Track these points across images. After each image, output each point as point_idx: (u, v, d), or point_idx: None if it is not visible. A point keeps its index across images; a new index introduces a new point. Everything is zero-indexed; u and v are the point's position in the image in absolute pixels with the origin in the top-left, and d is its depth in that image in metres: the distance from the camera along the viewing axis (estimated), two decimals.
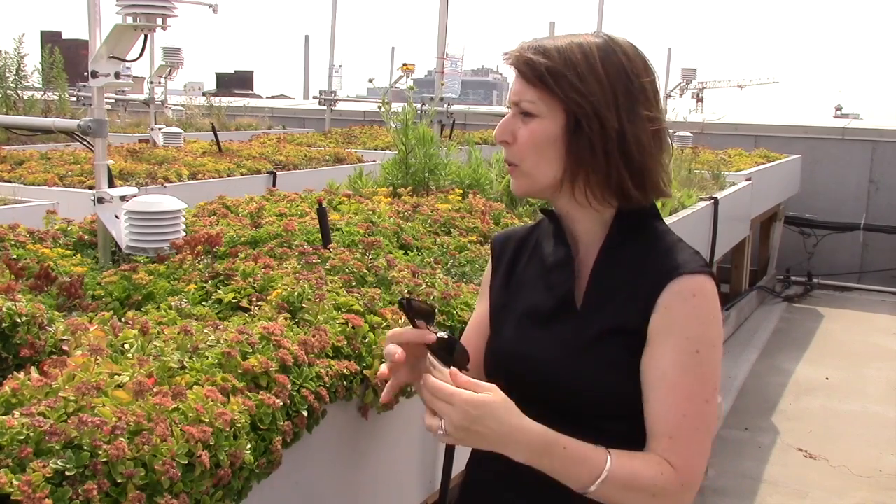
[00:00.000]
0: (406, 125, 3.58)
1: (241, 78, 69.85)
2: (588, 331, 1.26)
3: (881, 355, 6.40)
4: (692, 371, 1.19)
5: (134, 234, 2.25)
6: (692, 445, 1.19)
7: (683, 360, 1.19)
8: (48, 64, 8.37)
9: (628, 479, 1.17)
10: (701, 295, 1.21)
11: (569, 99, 1.23)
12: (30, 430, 1.09)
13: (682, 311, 1.20)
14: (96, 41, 2.23)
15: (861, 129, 9.33)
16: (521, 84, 1.26)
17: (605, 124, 1.23)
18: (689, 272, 1.22)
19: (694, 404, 1.19)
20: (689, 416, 1.19)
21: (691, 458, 1.19)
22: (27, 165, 4.56)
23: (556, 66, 1.23)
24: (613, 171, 1.25)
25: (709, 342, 1.20)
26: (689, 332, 1.19)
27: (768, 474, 4.30)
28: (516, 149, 1.28)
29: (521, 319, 1.35)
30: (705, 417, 1.20)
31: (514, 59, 1.27)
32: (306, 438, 1.47)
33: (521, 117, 1.27)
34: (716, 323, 1.22)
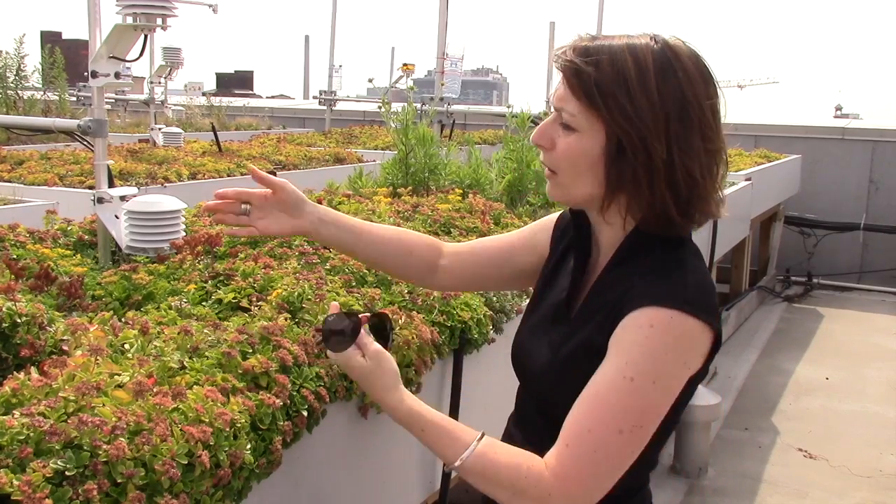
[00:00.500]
0: (406, 125, 3.58)
1: (241, 78, 69.90)
2: (573, 340, 1.24)
3: (881, 355, 6.40)
4: (618, 395, 1.11)
5: (134, 234, 2.25)
6: (581, 463, 1.12)
7: (616, 381, 1.12)
8: (48, 64, 8.37)
9: (488, 469, 1.17)
10: (659, 328, 1.12)
11: (614, 121, 1.14)
12: (30, 430, 1.09)
13: (633, 336, 1.13)
14: (96, 41, 2.23)
15: (861, 129, 9.33)
16: (566, 91, 1.18)
17: (651, 154, 1.14)
18: (660, 305, 1.12)
19: (604, 427, 1.11)
20: (593, 434, 1.12)
21: (573, 474, 1.12)
22: (27, 165, 4.56)
23: (605, 80, 1.14)
24: (658, 201, 1.16)
25: (648, 376, 1.11)
26: (630, 357, 1.12)
27: (768, 474, 4.30)
28: (554, 157, 1.22)
29: (534, 315, 1.37)
30: (610, 445, 1.11)
31: (562, 63, 1.18)
32: (306, 438, 1.47)
33: (561, 127, 1.20)
34: (665, 360, 1.11)
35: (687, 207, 1.18)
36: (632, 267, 1.22)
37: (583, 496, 1.13)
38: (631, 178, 1.16)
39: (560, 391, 1.22)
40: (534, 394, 1.35)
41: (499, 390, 1.65)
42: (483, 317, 2.06)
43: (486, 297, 2.15)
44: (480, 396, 2.13)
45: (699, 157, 1.16)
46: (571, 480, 1.12)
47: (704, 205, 1.20)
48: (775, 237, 8.61)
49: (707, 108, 1.16)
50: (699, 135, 1.16)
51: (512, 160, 3.74)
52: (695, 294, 1.15)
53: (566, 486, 1.12)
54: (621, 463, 1.14)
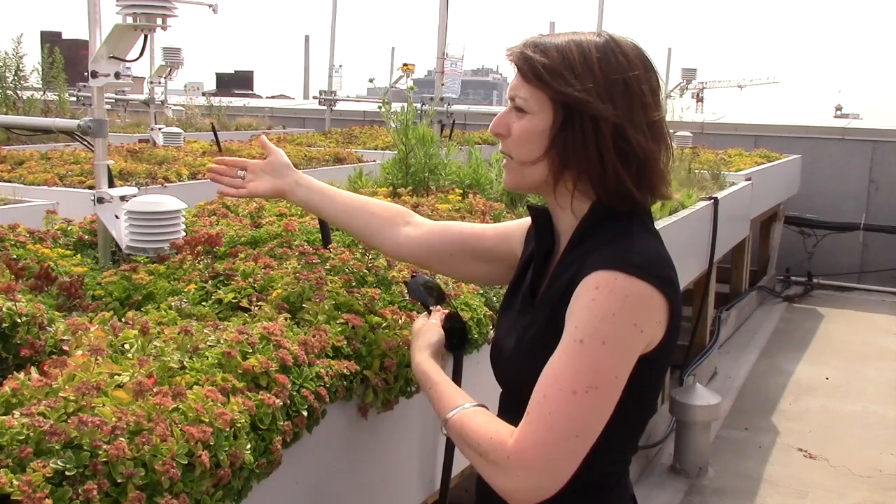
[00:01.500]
0: (406, 125, 3.58)
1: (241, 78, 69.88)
2: (534, 327, 1.29)
3: (881, 355, 6.40)
4: (568, 358, 1.15)
5: (134, 234, 2.25)
6: (537, 429, 1.14)
7: (567, 346, 1.16)
8: (48, 64, 8.37)
9: (459, 433, 1.26)
10: (604, 289, 1.15)
11: (561, 96, 1.23)
12: (30, 430, 1.09)
13: (581, 300, 1.17)
14: (96, 41, 2.23)
15: (861, 129, 9.33)
16: (518, 80, 1.28)
17: (598, 123, 1.22)
18: (605, 268, 1.17)
19: (557, 390, 1.14)
20: (548, 398, 1.15)
21: (529, 439, 1.14)
22: (27, 165, 4.56)
23: (553, 64, 1.24)
24: (610, 171, 1.23)
25: (597, 336, 1.14)
26: (578, 321, 1.15)
27: (768, 474, 4.30)
28: (509, 142, 1.31)
29: (507, 313, 1.43)
30: (565, 408, 1.13)
31: (514, 55, 1.29)
32: (306, 438, 1.47)
33: (515, 112, 1.29)
34: (613, 320, 1.14)
35: (640, 178, 1.25)
36: (584, 248, 1.27)
37: (540, 461, 1.14)
38: (582, 150, 1.23)
39: (527, 377, 1.24)
40: (507, 387, 1.40)
41: (499, 390, 1.65)
42: (483, 317, 2.06)
43: (486, 296, 2.15)
44: (480, 396, 2.13)
45: (643, 130, 1.24)
46: (528, 444, 1.15)
47: (657, 176, 1.27)
48: (775, 237, 8.61)
49: (646, 85, 1.26)
50: (641, 109, 1.25)
51: None
52: (640, 258, 1.19)
53: (523, 450, 1.15)
54: (577, 427, 1.14)
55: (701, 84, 9.82)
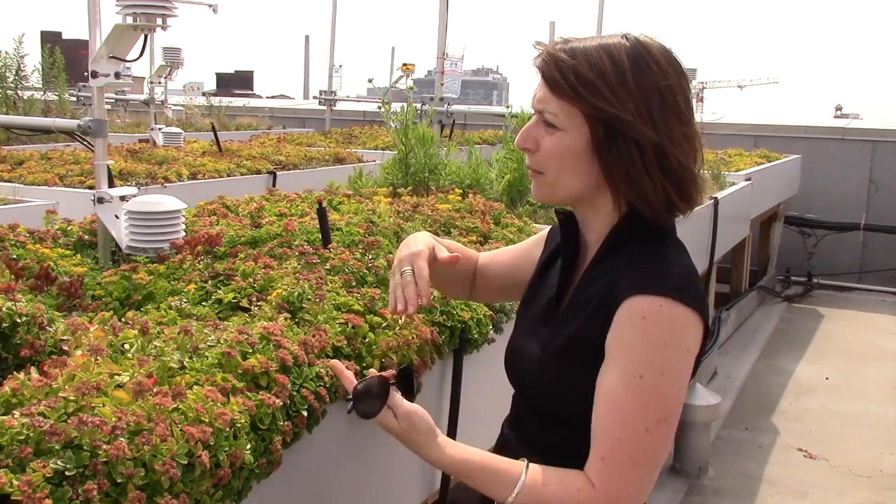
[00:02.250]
0: (406, 125, 3.58)
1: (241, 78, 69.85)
2: (559, 337, 1.26)
3: (881, 355, 6.40)
4: (633, 396, 1.13)
5: (134, 234, 2.25)
6: (622, 472, 1.14)
7: (626, 382, 1.13)
8: (48, 64, 8.36)
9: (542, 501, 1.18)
10: (652, 318, 1.13)
11: (597, 112, 1.17)
12: (30, 430, 1.09)
13: (631, 332, 1.14)
14: (96, 41, 2.23)
15: (861, 129, 9.33)
16: (546, 92, 1.21)
17: (641, 141, 1.17)
18: (648, 293, 1.14)
19: (631, 430, 1.13)
20: (623, 441, 1.14)
21: (618, 485, 1.14)
22: (27, 165, 4.56)
23: (584, 76, 1.17)
24: (659, 187, 1.20)
25: (655, 368, 1.13)
26: (634, 356, 1.14)
27: (768, 474, 4.30)
28: (539, 158, 1.24)
29: (529, 318, 1.39)
30: (643, 445, 1.14)
31: (541, 64, 1.21)
32: (306, 438, 1.47)
33: (544, 126, 1.22)
34: (666, 350, 1.13)
35: (682, 191, 1.23)
36: (615, 260, 1.24)
37: (631, 499, 1.16)
38: (625, 169, 1.19)
39: (550, 387, 1.25)
40: (525, 394, 1.36)
41: (499, 390, 1.65)
42: (483, 317, 2.06)
43: None
44: (480, 396, 2.14)
45: (681, 143, 1.22)
46: (618, 490, 1.15)
47: (694, 187, 1.25)
48: (775, 237, 8.61)
49: (681, 96, 1.22)
50: (677, 121, 1.21)
51: (512, 160, 3.74)
52: (679, 282, 1.18)
53: (615, 496, 1.15)
54: (657, 458, 1.16)
55: (701, 84, 9.82)
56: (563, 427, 1.24)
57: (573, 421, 1.22)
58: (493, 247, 2.52)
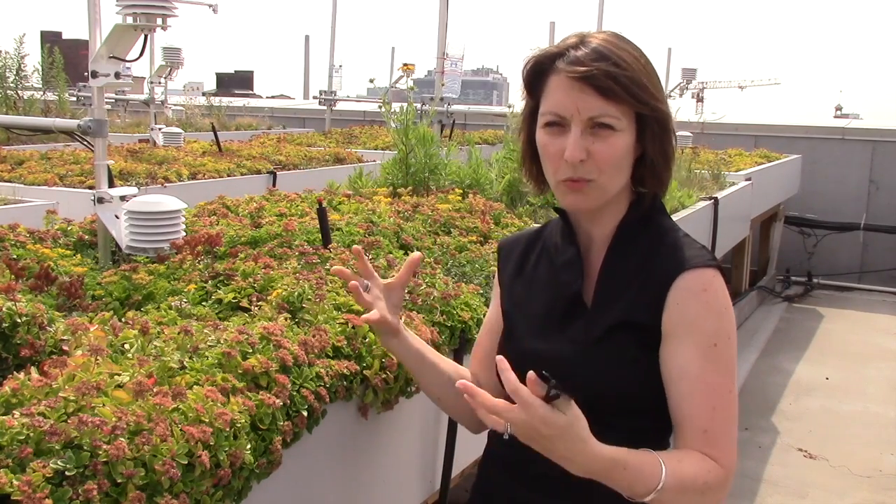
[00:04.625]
0: (406, 125, 3.58)
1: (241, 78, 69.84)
2: (598, 328, 1.27)
3: (881, 355, 6.40)
4: (714, 364, 1.22)
5: (134, 234, 2.25)
6: (727, 435, 1.24)
7: (704, 354, 1.21)
8: (48, 64, 8.36)
9: (680, 484, 1.18)
10: (711, 289, 1.23)
11: (647, 108, 1.24)
12: (30, 430, 1.09)
13: (695, 307, 1.22)
14: (96, 41, 2.23)
15: (861, 129, 9.33)
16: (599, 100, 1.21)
17: (667, 126, 1.27)
18: (695, 266, 1.23)
19: (721, 396, 1.23)
20: (718, 407, 1.22)
21: (729, 448, 1.23)
22: (27, 165, 4.56)
23: (634, 77, 1.22)
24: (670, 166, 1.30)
25: (725, 334, 1.23)
26: (705, 327, 1.21)
27: (768, 474, 4.30)
28: (593, 165, 1.23)
29: (534, 319, 1.36)
30: (733, 406, 1.25)
31: (593, 75, 1.21)
32: (306, 438, 1.47)
33: (591, 132, 1.22)
34: (728, 314, 1.24)
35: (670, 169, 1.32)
36: (636, 244, 1.30)
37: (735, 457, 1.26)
38: (663, 155, 1.28)
39: (593, 377, 1.25)
40: None
41: None
42: (483, 317, 2.06)
43: (486, 296, 2.14)
44: None
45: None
46: (731, 454, 1.24)
47: None
48: (775, 237, 8.61)
49: None
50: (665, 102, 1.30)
51: (512, 160, 3.74)
52: (709, 252, 1.29)
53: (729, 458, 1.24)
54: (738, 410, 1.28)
55: (701, 84, 9.81)
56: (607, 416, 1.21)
57: (621, 407, 1.25)
58: (494, 247, 2.52)
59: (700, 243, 1.31)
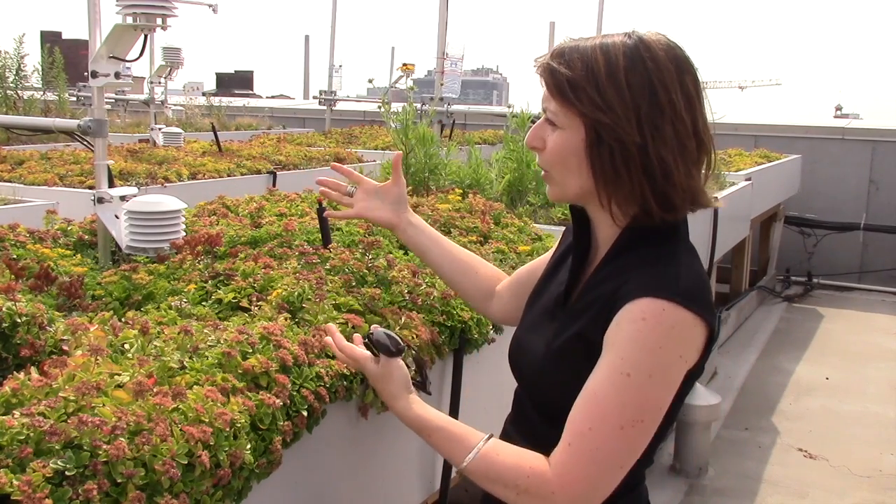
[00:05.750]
0: (406, 125, 3.58)
1: (241, 78, 69.74)
2: (564, 334, 1.27)
3: (881, 355, 6.40)
4: (617, 392, 1.12)
5: (134, 234, 2.25)
6: (583, 462, 1.13)
7: (612, 377, 1.13)
8: (48, 64, 8.36)
9: (488, 472, 1.20)
10: (651, 320, 1.12)
11: (588, 113, 1.19)
12: (30, 430, 1.09)
13: (627, 330, 1.14)
14: (96, 41, 2.23)
15: (861, 129, 9.33)
16: (548, 94, 1.24)
17: (625, 140, 1.18)
18: (652, 295, 1.14)
19: (605, 424, 1.13)
20: (594, 431, 1.13)
21: (577, 473, 1.13)
22: (27, 165, 4.56)
23: (576, 77, 1.19)
24: (637, 188, 1.20)
25: (644, 369, 1.12)
26: (624, 353, 1.13)
27: (768, 474, 4.30)
28: (545, 156, 1.27)
29: (533, 311, 1.41)
30: (611, 443, 1.13)
31: (539, 67, 1.25)
32: (306, 438, 1.47)
33: (548, 125, 1.26)
34: (660, 352, 1.12)
35: (664, 197, 1.21)
36: (625, 261, 1.24)
37: (586, 494, 1.14)
38: (610, 167, 1.20)
39: (553, 384, 1.26)
40: (529, 390, 1.37)
41: (499, 390, 1.66)
42: (483, 317, 2.06)
43: None
44: (480, 396, 2.13)
45: (672, 144, 1.19)
46: (574, 479, 1.13)
47: (682, 193, 1.22)
48: (775, 237, 8.61)
49: (679, 94, 1.19)
50: (670, 122, 1.19)
51: (512, 160, 3.74)
52: (686, 286, 1.17)
53: (569, 484, 1.13)
54: (623, 460, 1.15)
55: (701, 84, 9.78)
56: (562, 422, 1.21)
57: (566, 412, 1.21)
58: (494, 247, 2.52)
59: (690, 273, 1.20)
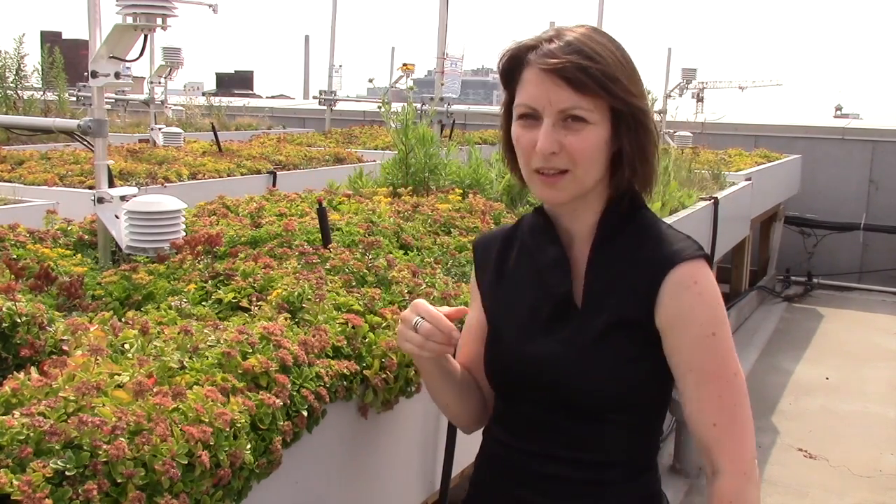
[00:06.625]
0: (406, 125, 3.58)
1: (241, 78, 69.71)
2: (592, 328, 1.26)
3: (881, 355, 6.40)
4: (715, 353, 1.23)
5: (134, 234, 2.25)
6: (735, 426, 1.24)
7: (703, 344, 1.23)
8: (48, 64, 8.36)
9: None
10: (702, 280, 1.23)
11: (622, 103, 1.22)
12: (30, 430, 1.09)
13: (689, 299, 1.22)
14: (96, 41, 2.23)
15: (861, 129, 9.33)
16: (571, 92, 1.21)
17: (646, 121, 1.26)
18: (684, 259, 1.24)
19: (725, 382, 1.24)
20: (724, 395, 1.23)
21: (739, 442, 1.24)
22: (27, 165, 4.56)
23: (609, 70, 1.21)
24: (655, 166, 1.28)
25: (720, 322, 1.24)
26: (701, 319, 1.22)
27: (768, 474, 4.30)
28: (567, 157, 1.23)
29: (522, 322, 1.35)
30: (738, 390, 1.25)
31: (564, 67, 1.20)
32: (306, 438, 1.47)
33: (563, 125, 1.22)
34: (718, 302, 1.25)
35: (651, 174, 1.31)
36: (621, 242, 1.29)
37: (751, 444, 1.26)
38: (642, 150, 1.26)
39: (590, 377, 1.26)
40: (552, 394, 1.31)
41: None
42: None
43: None
44: None
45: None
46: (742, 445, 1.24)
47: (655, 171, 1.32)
48: (775, 237, 8.61)
49: None
50: None
51: None
52: (692, 241, 1.29)
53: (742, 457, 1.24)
54: (747, 392, 1.27)
55: (701, 84, 9.81)
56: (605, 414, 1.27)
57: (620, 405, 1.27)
58: None
59: (684, 234, 1.31)
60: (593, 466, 1.29)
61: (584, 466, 1.29)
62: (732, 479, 1.23)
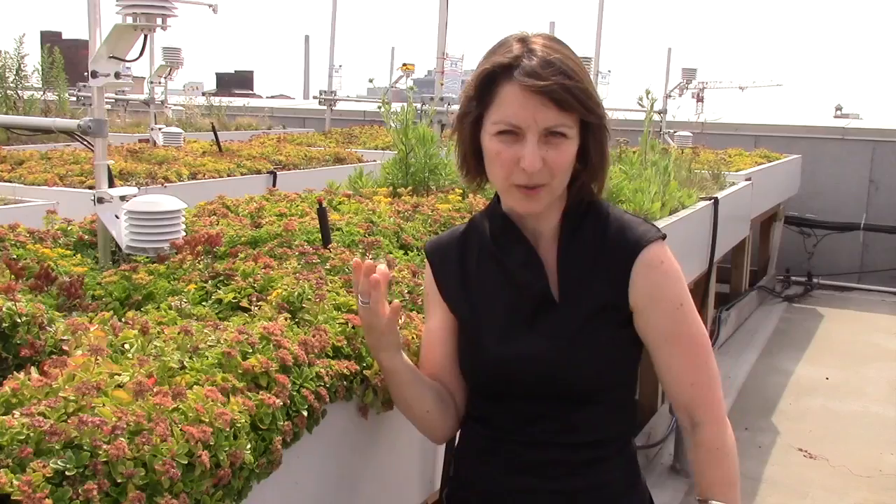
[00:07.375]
0: (406, 125, 3.58)
1: (241, 78, 69.70)
2: (573, 318, 1.33)
3: (881, 355, 6.40)
4: (684, 321, 1.36)
5: (134, 234, 2.25)
6: (711, 381, 1.37)
7: (674, 316, 1.35)
8: (48, 64, 8.36)
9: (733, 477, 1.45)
10: (666, 259, 1.37)
11: (595, 116, 1.31)
12: (30, 430, 1.09)
13: (657, 278, 1.35)
14: (96, 41, 2.23)
15: (861, 129, 9.33)
16: (556, 112, 1.26)
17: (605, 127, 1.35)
18: (649, 242, 1.35)
19: (700, 347, 1.37)
20: (698, 356, 1.36)
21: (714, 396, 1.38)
22: (27, 165, 4.56)
23: (584, 86, 1.29)
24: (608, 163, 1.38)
25: (685, 293, 1.38)
26: (669, 294, 1.35)
27: (768, 474, 4.30)
28: (549, 171, 1.30)
29: (500, 323, 1.38)
30: (707, 349, 1.38)
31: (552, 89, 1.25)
32: (306, 438, 1.47)
33: (545, 140, 1.28)
34: (681, 276, 1.39)
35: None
36: (585, 234, 1.37)
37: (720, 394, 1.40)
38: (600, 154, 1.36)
39: (581, 365, 1.33)
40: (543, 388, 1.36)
41: None
42: None
43: None
44: None
45: None
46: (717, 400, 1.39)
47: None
48: (775, 237, 8.61)
49: None
50: None
51: None
52: (648, 224, 1.40)
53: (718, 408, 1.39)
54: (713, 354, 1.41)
55: (701, 84, 9.81)
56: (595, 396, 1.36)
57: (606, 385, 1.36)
58: None
59: (640, 218, 1.41)
60: (590, 446, 1.37)
61: (581, 448, 1.36)
62: (712, 426, 1.37)
